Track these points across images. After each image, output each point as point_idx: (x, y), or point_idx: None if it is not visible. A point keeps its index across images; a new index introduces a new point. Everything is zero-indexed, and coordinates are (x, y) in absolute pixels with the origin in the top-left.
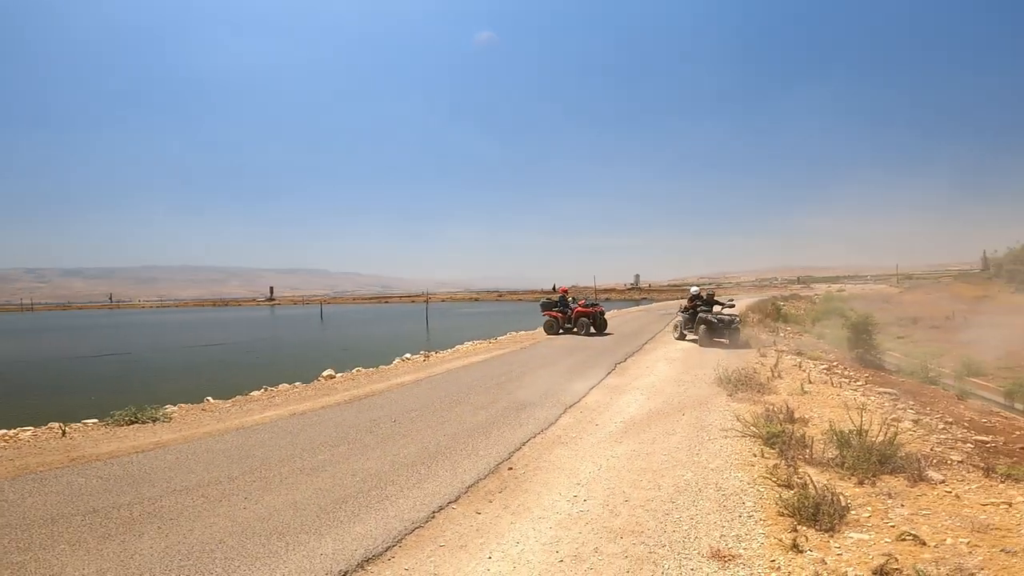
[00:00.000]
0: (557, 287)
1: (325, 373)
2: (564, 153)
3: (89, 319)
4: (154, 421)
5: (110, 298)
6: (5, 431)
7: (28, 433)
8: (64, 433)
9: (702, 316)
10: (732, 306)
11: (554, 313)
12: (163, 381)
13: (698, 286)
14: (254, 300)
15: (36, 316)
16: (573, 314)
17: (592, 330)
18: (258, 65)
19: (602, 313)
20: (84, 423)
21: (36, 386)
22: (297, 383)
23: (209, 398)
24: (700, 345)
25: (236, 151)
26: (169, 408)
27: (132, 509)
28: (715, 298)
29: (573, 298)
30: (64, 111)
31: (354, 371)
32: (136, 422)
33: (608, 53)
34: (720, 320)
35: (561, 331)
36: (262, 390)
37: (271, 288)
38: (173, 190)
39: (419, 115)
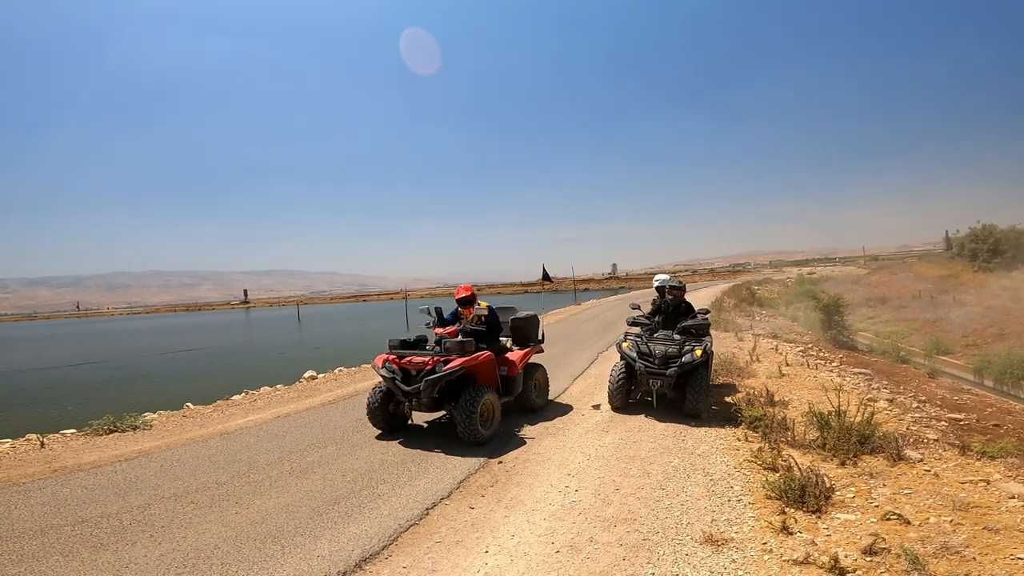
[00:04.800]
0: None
1: (307, 374)
2: (538, 147)
3: (57, 329)
4: (134, 429)
5: (77, 306)
6: None
7: (6, 446)
8: (43, 444)
9: (624, 349)
10: (705, 319)
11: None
12: (140, 389)
13: (666, 275)
14: (228, 303)
15: (1, 327)
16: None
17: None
18: (226, 66)
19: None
20: (62, 434)
21: (8, 399)
22: (279, 385)
23: (189, 404)
24: (613, 407)
25: (206, 154)
26: (149, 416)
27: (121, 518)
28: (683, 299)
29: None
30: (23, 118)
31: (336, 371)
32: (116, 431)
33: (581, 49)
34: (648, 355)
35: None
36: (243, 394)
37: (245, 291)
38: (142, 195)
39: (391, 114)
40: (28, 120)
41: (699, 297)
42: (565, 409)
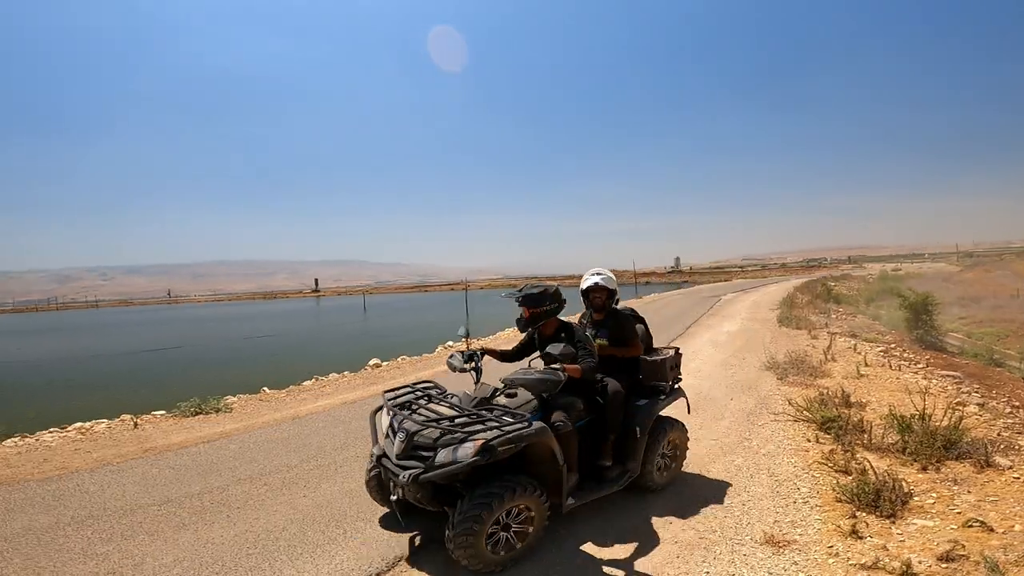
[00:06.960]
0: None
1: (372, 362)
2: (602, 138)
3: (150, 314)
4: (217, 412)
5: (168, 294)
6: (82, 424)
7: (103, 426)
8: (136, 425)
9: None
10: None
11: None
12: (221, 372)
13: (598, 275)
14: (300, 292)
15: (100, 312)
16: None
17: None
18: (297, 64)
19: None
20: (154, 415)
21: (107, 380)
22: (346, 372)
23: (265, 388)
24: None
25: (279, 150)
26: (229, 399)
27: (202, 498)
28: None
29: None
30: (125, 118)
31: (399, 359)
32: (200, 413)
33: (643, 37)
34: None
35: None
36: (313, 379)
37: (316, 280)
38: (224, 188)
39: (450, 106)
40: (130, 120)
41: (768, 293)
42: None
